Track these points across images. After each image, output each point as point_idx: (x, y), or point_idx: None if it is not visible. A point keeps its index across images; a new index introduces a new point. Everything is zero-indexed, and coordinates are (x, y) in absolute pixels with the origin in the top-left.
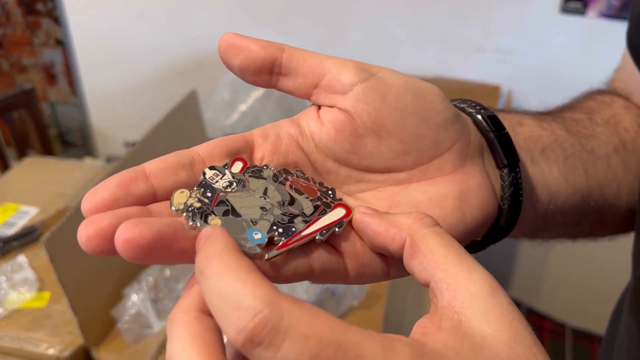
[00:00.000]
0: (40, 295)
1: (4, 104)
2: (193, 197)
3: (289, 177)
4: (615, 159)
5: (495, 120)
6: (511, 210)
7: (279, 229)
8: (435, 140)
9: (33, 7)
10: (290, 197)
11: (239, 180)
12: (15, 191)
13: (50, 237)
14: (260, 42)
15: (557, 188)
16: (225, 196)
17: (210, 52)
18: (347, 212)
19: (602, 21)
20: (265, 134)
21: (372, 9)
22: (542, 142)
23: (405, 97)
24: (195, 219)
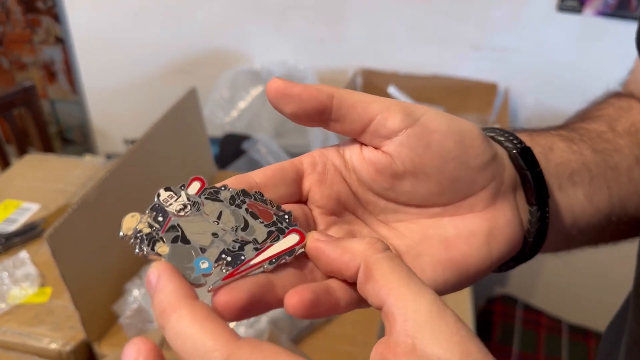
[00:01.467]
0: (42, 290)
1: (4, 102)
2: (143, 222)
3: (246, 199)
4: (637, 170)
5: (530, 155)
6: (536, 242)
7: (227, 257)
8: (471, 182)
9: (33, 4)
10: (244, 221)
11: (194, 203)
12: (16, 188)
13: (53, 232)
14: (311, 89)
15: (582, 211)
16: (177, 220)
17: (209, 49)
18: (301, 238)
19: (598, 19)
20: (313, 162)
21: (371, 6)
22: (571, 166)
23: (447, 143)
24: (142, 246)
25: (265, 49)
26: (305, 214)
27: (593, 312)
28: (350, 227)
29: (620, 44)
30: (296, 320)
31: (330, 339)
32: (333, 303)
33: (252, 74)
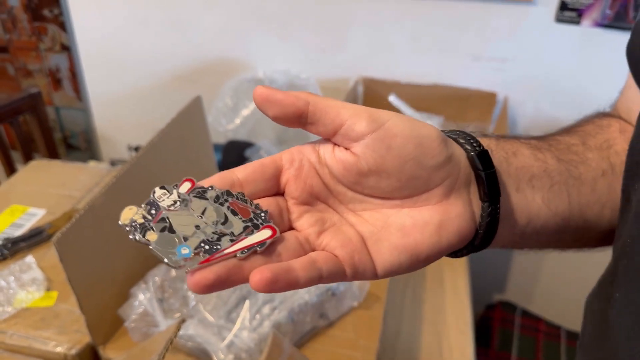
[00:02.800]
0: (48, 294)
1: (10, 108)
2: (138, 214)
3: (229, 199)
4: (602, 182)
5: (486, 158)
6: (486, 234)
7: (205, 246)
8: (427, 180)
9: (39, 13)
10: (225, 217)
11: (183, 200)
12: (23, 193)
13: (60, 237)
14: (290, 97)
15: (537, 213)
16: (167, 214)
17: (213, 58)
18: (273, 232)
19: (596, 30)
20: (291, 159)
21: (372, 17)
22: (531, 171)
23: (407, 146)
24: (135, 234)
25: (269, 58)
26: (279, 205)
27: None
28: (321, 214)
29: (618, 55)
30: (298, 325)
31: (332, 342)
32: (292, 280)
33: (256, 82)
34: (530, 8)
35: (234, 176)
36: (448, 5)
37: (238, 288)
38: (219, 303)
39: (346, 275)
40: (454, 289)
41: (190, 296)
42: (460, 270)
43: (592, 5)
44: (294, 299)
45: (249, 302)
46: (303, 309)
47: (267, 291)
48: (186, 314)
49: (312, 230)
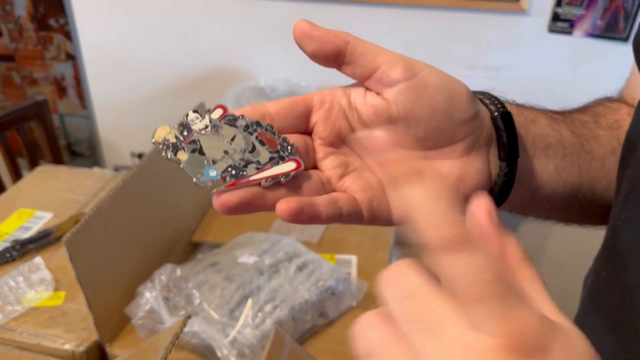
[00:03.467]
0: (56, 294)
1: (17, 115)
2: (171, 134)
3: (258, 129)
4: (611, 159)
5: (509, 119)
6: (501, 193)
7: (232, 170)
8: (452, 134)
9: (46, 22)
10: (252, 146)
11: (214, 125)
12: (30, 197)
13: (70, 237)
14: (330, 34)
15: (549, 180)
16: (198, 137)
17: (216, 66)
18: (297, 166)
19: (587, 40)
20: (322, 100)
21: (369, 27)
22: (547, 140)
23: (437, 97)
24: (167, 152)
25: (269, 66)
26: (306, 143)
27: None
28: (345, 157)
29: (609, 64)
30: (299, 323)
31: (332, 340)
32: (315, 213)
33: (257, 90)
34: (523, 19)
35: (266, 109)
36: (443, 16)
37: (241, 287)
38: (222, 301)
39: (363, 218)
40: None
41: (194, 294)
42: None
43: (583, 16)
44: (295, 298)
45: (252, 300)
46: (303, 307)
47: (291, 221)
48: (191, 312)
49: (335, 172)
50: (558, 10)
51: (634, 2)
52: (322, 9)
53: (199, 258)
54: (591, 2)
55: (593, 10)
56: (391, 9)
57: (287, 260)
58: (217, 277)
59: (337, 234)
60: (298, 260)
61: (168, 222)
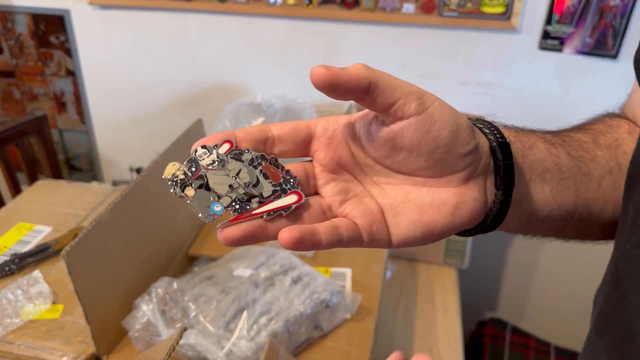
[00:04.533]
0: (54, 307)
1: (17, 130)
2: (180, 170)
3: (262, 162)
4: (608, 179)
5: (507, 150)
6: (496, 218)
7: (236, 205)
8: (452, 165)
9: (46, 39)
10: (257, 179)
11: (221, 160)
12: (29, 212)
13: (69, 251)
14: (352, 77)
15: (544, 203)
16: (205, 172)
17: (213, 83)
18: (299, 198)
19: (577, 57)
20: (325, 128)
21: (363, 44)
22: (544, 165)
23: (443, 132)
24: (175, 188)
25: (266, 82)
26: (307, 172)
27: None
28: (346, 184)
29: (599, 80)
30: (293, 335)
31: (326, 353)
32: (316, 241)
33: (254, 105)
34: (514, 36)
35: (270, 132)
36: (436, 34)
37: (236, 300)
38: (218, 314)
39: (363, 242)
40: (444, 305)
41: (190, 307)
42: (450, 287)
43: (573, 34)
44: (289, 311)
45: (247, 313)
46: (298, 320)
47: (293, 249)
48: (187, 324)
49: (336, 199)
50: (548, 28)
51: (622, 20)
52: (318, 26)
53: (196, 271)
54: (580, 20)
55: (582, 28)
56: (386, 27)
57: (282, 273)
58: (213, 290)
59: None
60: (293, 273)
61: (165, 236)
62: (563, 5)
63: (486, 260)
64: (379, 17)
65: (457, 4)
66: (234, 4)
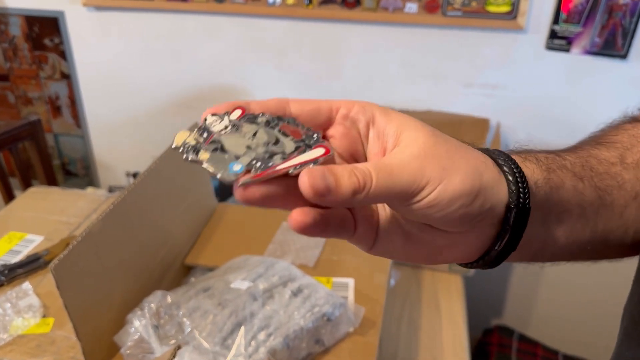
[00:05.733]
0: (45, 321)
1: (10, 135)
2: (191, 137)
3: (280, 122)
4: (632, 206)
5: (525, 215)
6: (497, 259)
7: (257, 163)
8: (468, 228)
9: (40, 42)
10: (276, 138)
11: (234, 125)
12: (21, 220)
13: (57, 264)
14: (349, 188)
15: (554, 242)
16: (218, 137)
17: (211, 85)
18: (326, 151)
19: (585, 57)
20: (345, 116)
21: (366, 46)
22: (565, 207)
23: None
24: (188, 154)
25: (265, 84)
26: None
27: (589, 342)
28: None
29: (607, 81)
30: (294, 351)
31: None
32: (325, 231)
33: None
34: (520, 36)
35: (288, 109)
36: (439, 34)
37: (234, 313)
38: (214, 329)
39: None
40: (449, 314)
41: (185, 322)
42: (456, 295)
43: (581, 34)
44: (289, 325)
45: (244, 328)
46: (298, 335)
47: (300, 233)
48: (181, 341)
49: None
50: (555, 28)
51: (632, 19)
52: (318, 27)
53: (192, 282)
54: (589, 20)
55: (591, 28)
56: (388, 27)
57: (281, 285)
58: (209, 303)
59: (333, 256)
60: (293, 285)
61: (160, 245)
62: (570, 3)
63: None
64: (381, 17)
65: (462, 3)
66: (232, 5)
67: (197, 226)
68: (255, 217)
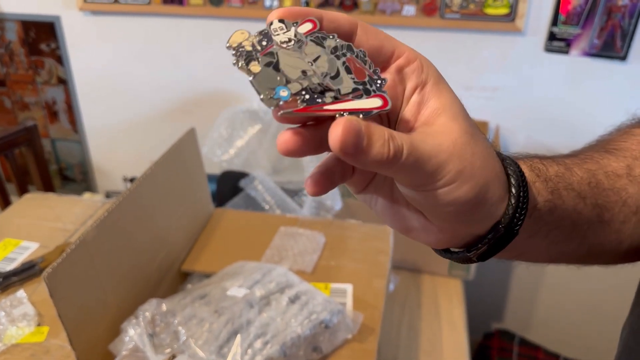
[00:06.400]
0: (39, 330)
1: (6, 141)
2: (249, 41)
3: (348, 54)
4: (631, 221)
5: (507, 237)
6: (466, 260)
7: (306, 95)
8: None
9: (37, 47)
10: (336, 71)
11: (299, 40)
12: (16, 227)
13: (51, 272)
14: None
15: (537, 251)
16: (277, 49)
17: (208, 90)
18: (384, 104)
19: (584, 59)
20: (401, 67)
21: None
22: (561, 224)
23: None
24: (240, 60)
25: None
26: (395, 84)
27: (590, 346)
28: None
29: (607, 83)
30: (291, 359)
31: None
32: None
33: (250, 113)
34: (519, 38)
35: (356, 31)
36: (438, 36)
37: (230, 321)
38: (210, 337)
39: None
40: (450, 318)
41: (180, 331)
42: (456, 299)
43: (580, 35)
44: (286, 333)
45: (241, 336)
46: (296, 342)
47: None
48: (177, 349)
49: None
50: (554, 30)
51: (631, 20)
52: None
53: (189, 289)
54: (587, 21)
55: (589, 29)
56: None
57: (278, 292)
58: (205, 310)
59: (331, 262)
60: (290, 291)
61: (156, 252)
62: (569, 5)
63: (492, 270)
64: (378, 20)
65: (460, 6)
66: (229, 8)
67: (194, 232)
68: (253, 222)
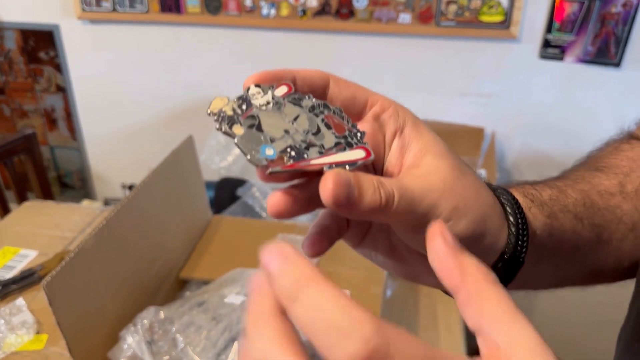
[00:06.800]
0: (38, 337)
1: (5, 149)
2: (229, 106)
3: (325, 111)
4: (628, 239)
5: (514, 267)
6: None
7: (292, 152)
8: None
9: (36, 55)
10: (317, 128)
11: (277, 102)
12: (15, 234)
13: (50, 281)
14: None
15: (541, 277)
16: (257, 112)
17: (206, 97)
18: (367, 155)
19: (579, 66)
20: (377, 115)
21: (361, 56)
22: (562, 248)
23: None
24: (222, 124)
25: None
26: (375, 133)
27: (588, 352)
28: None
29: (601, 89)
30: None
31: None
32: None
33: None
34: (514, 45)
35: (329, 90)
36: (433, 44)
37: (228, 328)
38: (208, 345)
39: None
40: (447, 325)
41: (178, 338)
42: (453, 307)
43: (574, 42)
44: None
45: (238, 344)
46: None
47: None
48: (175, 357)
49: None
50: (549, 37)
51: (624, 27)
52: (313, 38)
53: (187, 296)
54: (582, 28)
55: (584, 36)
56: (382, 37)
57: None
58: (203, 317)
59: (329, 268)
60: None
61: (155, 260)
62: (563, 13)
63: None
64: (374, 28)
65: (455, 13)
66: (226, 17)
67: (192, 239)
68: (251, 229)
